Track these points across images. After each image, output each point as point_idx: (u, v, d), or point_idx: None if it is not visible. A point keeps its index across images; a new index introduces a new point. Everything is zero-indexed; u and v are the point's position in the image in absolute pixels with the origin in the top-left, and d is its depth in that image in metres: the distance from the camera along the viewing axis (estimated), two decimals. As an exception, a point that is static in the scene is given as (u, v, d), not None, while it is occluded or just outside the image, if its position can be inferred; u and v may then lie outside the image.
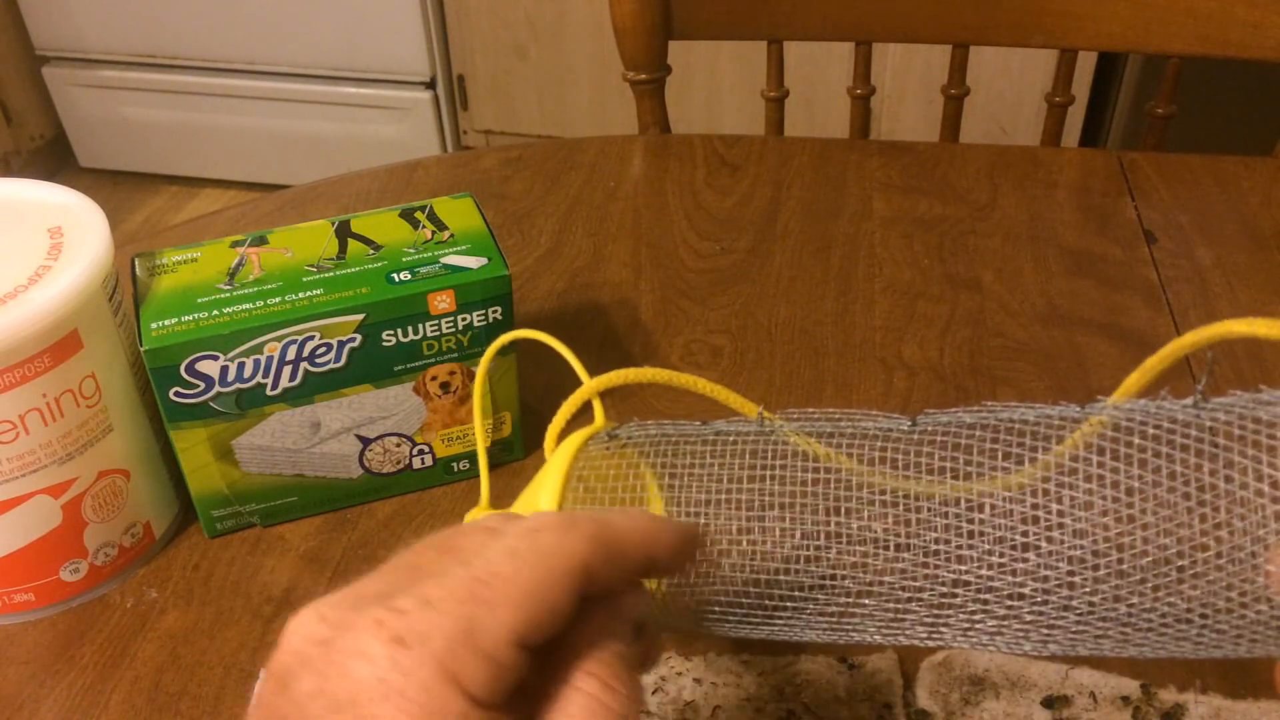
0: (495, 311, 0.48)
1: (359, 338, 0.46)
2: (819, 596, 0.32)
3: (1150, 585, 0.28)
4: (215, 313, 0.44)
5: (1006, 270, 0.66)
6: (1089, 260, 0.67)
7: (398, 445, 0.51)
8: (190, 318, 0.44)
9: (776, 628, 0.33)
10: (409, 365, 0.48)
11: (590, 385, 0.36)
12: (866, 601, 0.31)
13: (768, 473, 0.32)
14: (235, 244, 0.48)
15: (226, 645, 0.46)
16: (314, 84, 2.02)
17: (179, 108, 2.09)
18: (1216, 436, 0.27)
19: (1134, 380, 0.32)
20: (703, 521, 0.33)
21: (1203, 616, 0.28)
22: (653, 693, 0.42)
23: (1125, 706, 0.41)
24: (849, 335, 0.61)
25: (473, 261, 0.48)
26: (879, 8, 0.88)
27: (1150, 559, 0.28)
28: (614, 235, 0.70)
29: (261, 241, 0.49)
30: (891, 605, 0.31)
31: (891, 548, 0.30)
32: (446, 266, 0.47)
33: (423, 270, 0.47)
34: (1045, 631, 0.29)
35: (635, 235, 0.70)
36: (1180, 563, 0.27)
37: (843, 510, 0.31)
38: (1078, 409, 0.30)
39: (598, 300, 0.65)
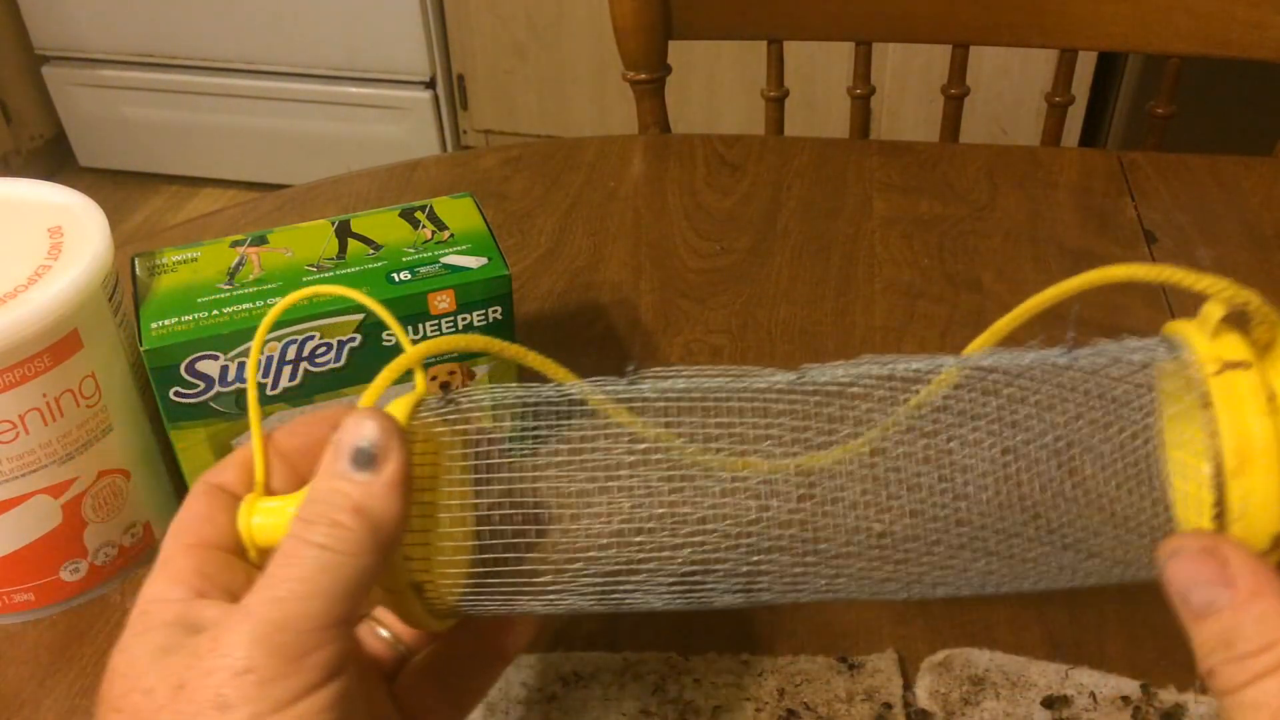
0: (495, 311, 0.48)
1: (359, 337, 0.46)
2: (664, 567, 0.31)
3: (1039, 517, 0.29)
4: (215, 312, 0.44)
5: (1006, 270, 0.66)
6: (1089, 260, 0.67)
7: (398, 445, 0.50)
8: (190, 317, 0.44)
9: (622, 597, 0.32)
10: (409, 365, 0.48)
11: (413, 352, 0.34)
12: (717, 567, 0.31)
13: (624, 440, 0.32)
14: (235, 244, 0.48)
15: (226, 645, 0.45)
16: (314, 84, 2.02)
17: (179, 107, 2.09)
18: (1097, 377, 0.29)
19: (982, 340, 0.33)
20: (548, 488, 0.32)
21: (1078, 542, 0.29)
22: (652, 693, 0.42)
23: (1125, 706, 0.41)
24: (849, 335, 0.61)
25: (473, 261, 0.48)
26: (879, 8, 0.88)
27: (1038, 493, 0.29)
28: (614, 235, 0.70)
29: (261, 241, 0.49)
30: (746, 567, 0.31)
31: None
32: (446, 266, 0.47)
33: (423, 270, 0.47)
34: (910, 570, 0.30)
35: (635, 235, 0.70)
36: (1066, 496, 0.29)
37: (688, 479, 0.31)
38: (953, 358, 0.31)
39: (598, 300, 0.65)
